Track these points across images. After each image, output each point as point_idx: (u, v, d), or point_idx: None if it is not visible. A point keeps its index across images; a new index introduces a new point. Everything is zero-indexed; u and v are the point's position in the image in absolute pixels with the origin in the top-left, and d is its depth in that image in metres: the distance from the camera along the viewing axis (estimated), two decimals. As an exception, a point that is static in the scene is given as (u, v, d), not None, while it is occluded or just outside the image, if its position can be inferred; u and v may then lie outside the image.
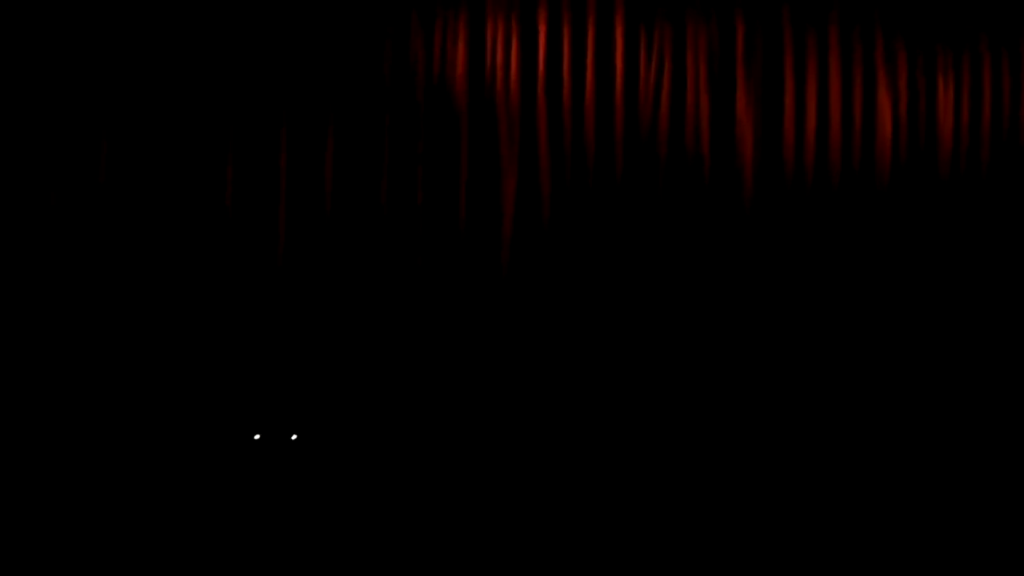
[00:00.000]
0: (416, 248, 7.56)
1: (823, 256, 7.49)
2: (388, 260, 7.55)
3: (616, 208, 7.56)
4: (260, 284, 7.53)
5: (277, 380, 7.46)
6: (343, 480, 7.26)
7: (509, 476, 7.29)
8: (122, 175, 7.52)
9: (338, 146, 7.62)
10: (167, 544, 6.88)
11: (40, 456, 7.28)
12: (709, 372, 7.43)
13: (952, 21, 7.58)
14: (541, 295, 7.51)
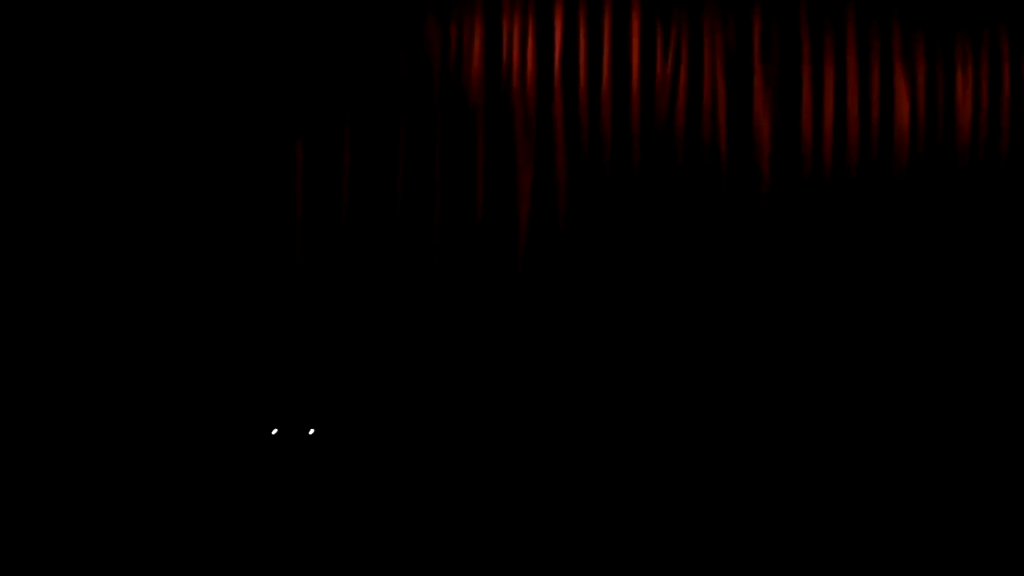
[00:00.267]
0: (432, 243, 7.56)
1: (841, 249, 7.45)
2: (405, 255, 7.55)
3: (633, 203, 7.54)
4: (277, 281, 7.54)
5: (295, 376, 7.47)
6: (361, 475, 7.26)
7: (524, 471, 7.28)
8: (140, 171, 7.55)
9: (355, 142, 7.63)
10: (176, 540, 6.89)
11: (53, 452, 7.32)
12: (727, 365, 7.41)
13: (970, 11, 7.53)
14: (557, 290, 7.50)
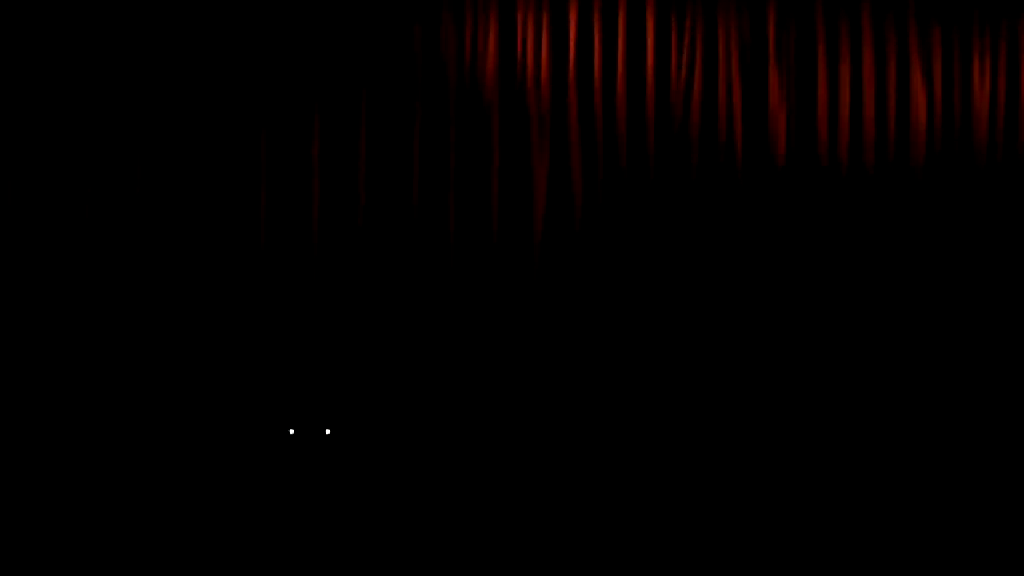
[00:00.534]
0: (448, 241, 7.55)
1: (858, 245, 7.44)
2: (420, 253, 7.55)
3: (648, 199, 7.52)
4: (294, 279, 7.54)
5: (310, 374, 7.47)
6: (375, 474, 7.27)
7: (537, 466, 7.28)
8: (154, 169, 7.56)
9: (370, 138, 7.63)
10: (186, 537, 6.91)
11: (67, 452, 7.34)
12: (743, 362, 7.40)
13: (987, 2, 7.49)
14: (573, 287, 7.49)
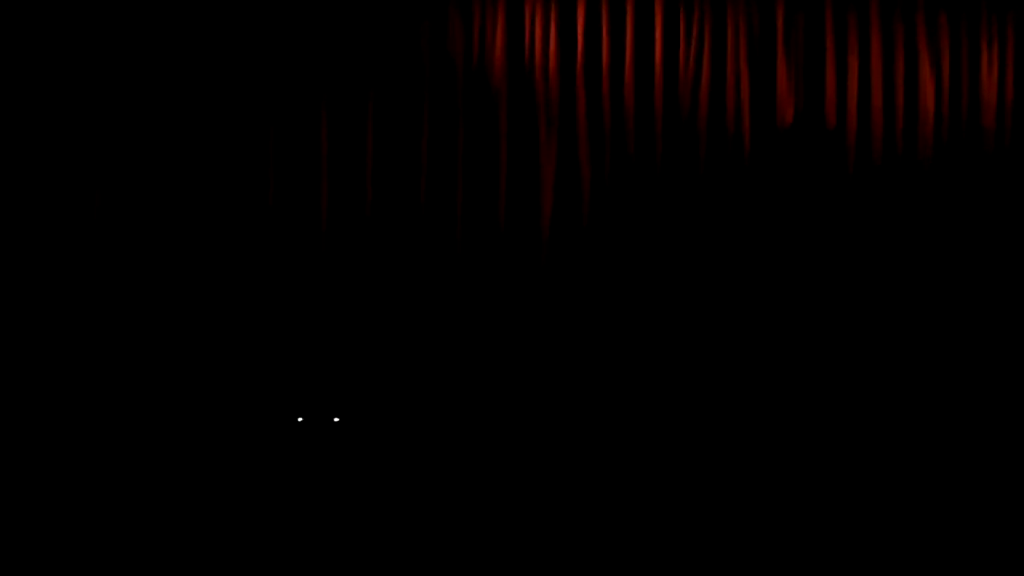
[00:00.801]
0: (456, 235, 7.56)
1: (866, 235, 7.43)
2: (427, 245, 7.55)
3: (656, 193, 7.52)
4: (302, 275, 7.55)
5: (316, 368, 7.48)
6: (381, 470, 7.28)
7: (543, 464, 7.28)
8: (163, 166, 7.57)
9: (377, 131, 7.63)
10: (192, 535, 6.93)
11: (77, 451, 7.36)
12: (750, 355, 7.40)
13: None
14: (581, 280, 7.49)
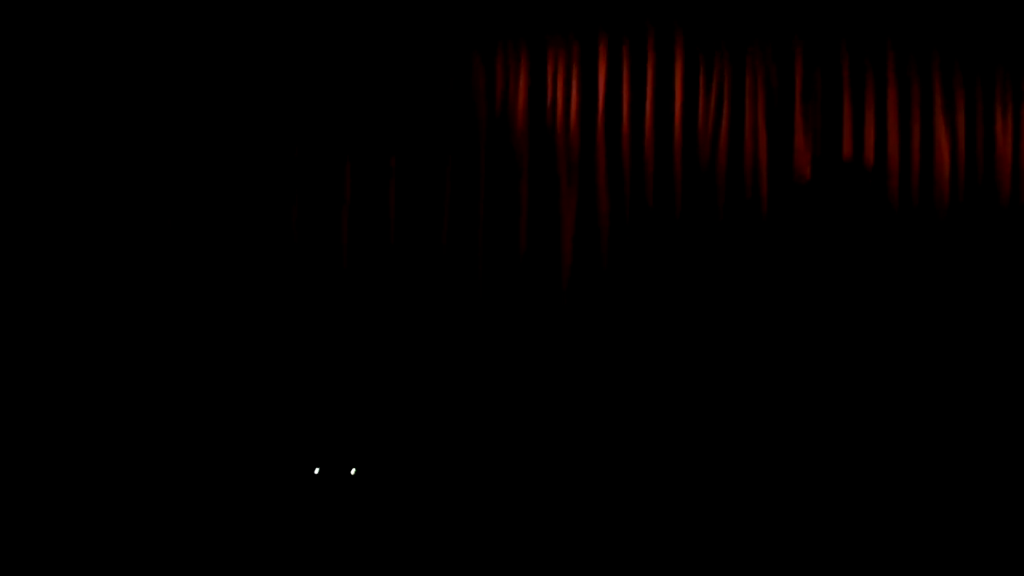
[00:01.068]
0: (477, 283, 7.63)
1: (883, 289, 7.48)
2: (449, 293, 7.62)
3: (675, 246, 7.57)
4: (324, 313, 7.63)
5: (340, 404, 7.55)
6: (405, 496, 7.34)
7: (560, 496, 7.34)
8: (184, 209, 7.67)
9: (400, 181, 7.71)
10: (203, 542, 7.00)
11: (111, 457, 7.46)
12: (766, 401, 7.45)
13: (1010, 52, 7.55)
14: (600, 333, 7.55)
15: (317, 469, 7.37)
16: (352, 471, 7.40)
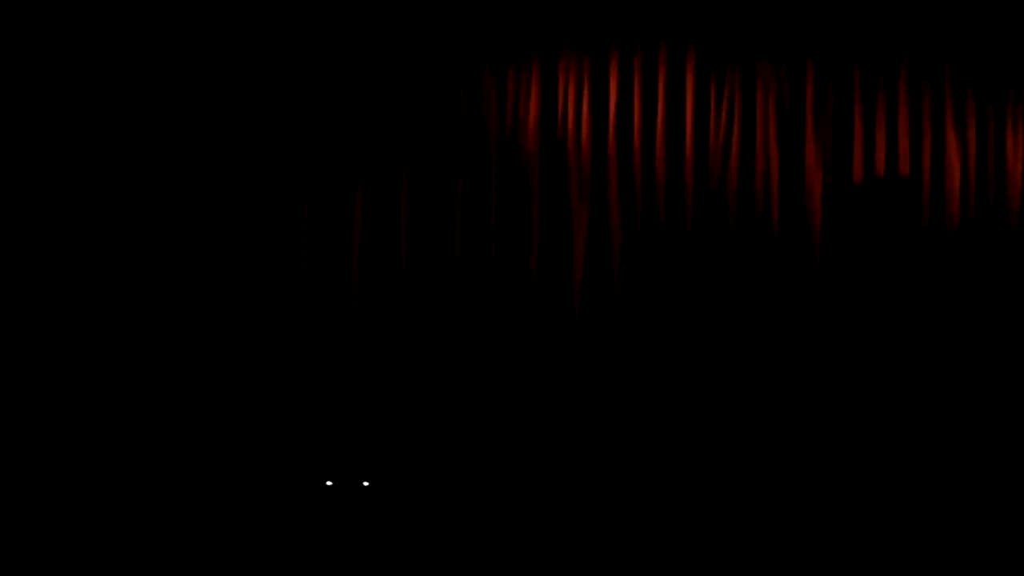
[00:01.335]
0: (488, 299, 7.65)
1: (892, 306, 7.50)
2: (460, 311, 7.64)
3: (686, 263, 7.59)
4: (334, 330, 7.66)
5: (353, 426, 7.58)
6: (415, 516, 7.37)
7: (568, 513, 7.37)
8: (204, 239, 7.70)
9: (411, 197, 7.72)
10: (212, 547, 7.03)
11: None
12: (772, 418, 7.47)
13: (1020, 72, 7.56)
14: (612, 348, 7.56)
15: (329, 481, 7.40)
16: (365, 483, 7.43)
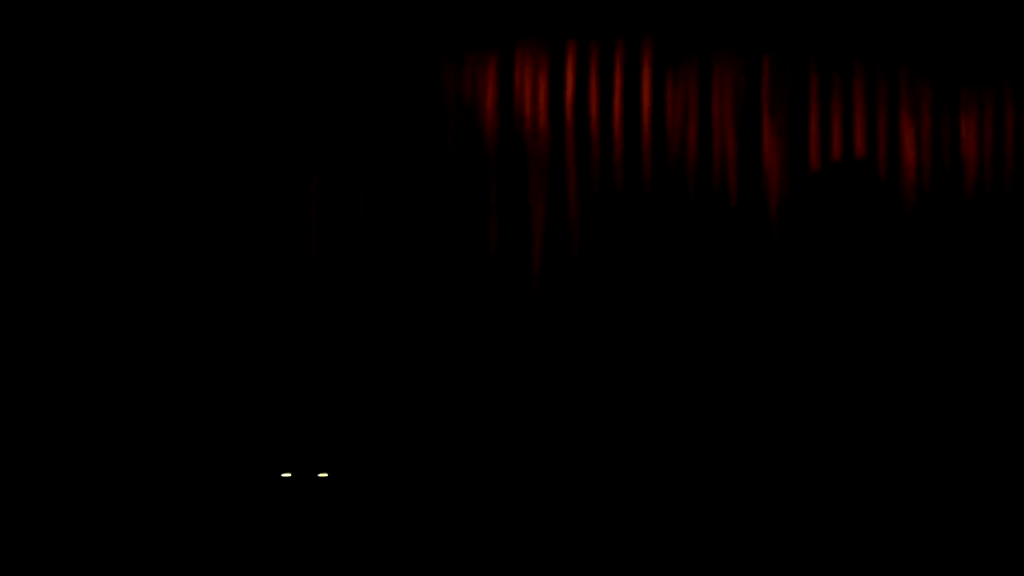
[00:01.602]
0: (446, 280, 7.64)
1: (848, 284, 7.55)
2: (419, 294, 7.63)
3: (644, 243, 7.63)
4: (291, 316, 7.62)
5: (309, 396, 7.54)
6: (385, 495, 7.30)
7: (535, 484, 7.32)
8: (205, 226, 7.67)
9: (369, 186, 7.72)
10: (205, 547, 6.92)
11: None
12: (734, 386, 7.48)
13: (975, 62, 7.68)
14: (570, 335, 7.57)
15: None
16: (321, 475, 7.36)
